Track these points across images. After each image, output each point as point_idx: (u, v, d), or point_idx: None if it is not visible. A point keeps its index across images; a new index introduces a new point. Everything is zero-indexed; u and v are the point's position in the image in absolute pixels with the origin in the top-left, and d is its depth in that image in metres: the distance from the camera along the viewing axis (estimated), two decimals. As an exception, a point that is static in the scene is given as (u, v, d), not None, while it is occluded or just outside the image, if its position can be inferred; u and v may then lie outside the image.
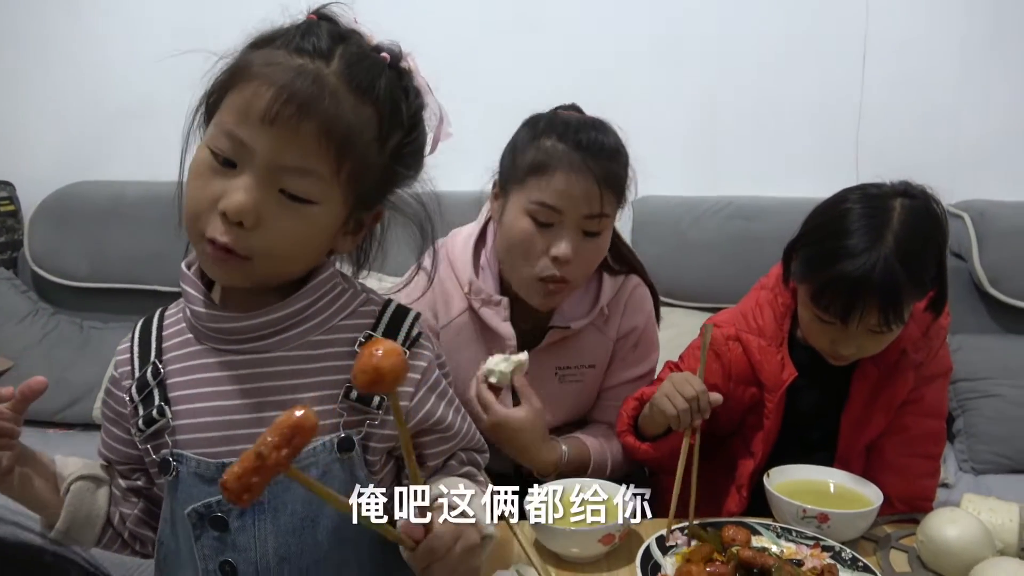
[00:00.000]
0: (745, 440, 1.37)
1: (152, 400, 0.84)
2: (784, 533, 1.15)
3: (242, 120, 0.75)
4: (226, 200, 0.75)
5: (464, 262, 1.33)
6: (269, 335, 0.83)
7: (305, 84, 0.75)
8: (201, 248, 0.79)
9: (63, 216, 2.35)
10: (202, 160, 0.78)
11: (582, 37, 2.28)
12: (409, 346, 0.87)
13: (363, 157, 0.79)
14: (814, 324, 1.21)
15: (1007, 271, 2.01)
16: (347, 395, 0.83)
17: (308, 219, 0.79)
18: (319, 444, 0.83)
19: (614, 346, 1.39)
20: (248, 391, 0.83)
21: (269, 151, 0.75)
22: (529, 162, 1.22)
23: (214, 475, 0.81)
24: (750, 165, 2.28)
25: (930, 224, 1.16)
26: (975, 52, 2.18)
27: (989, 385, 1.95)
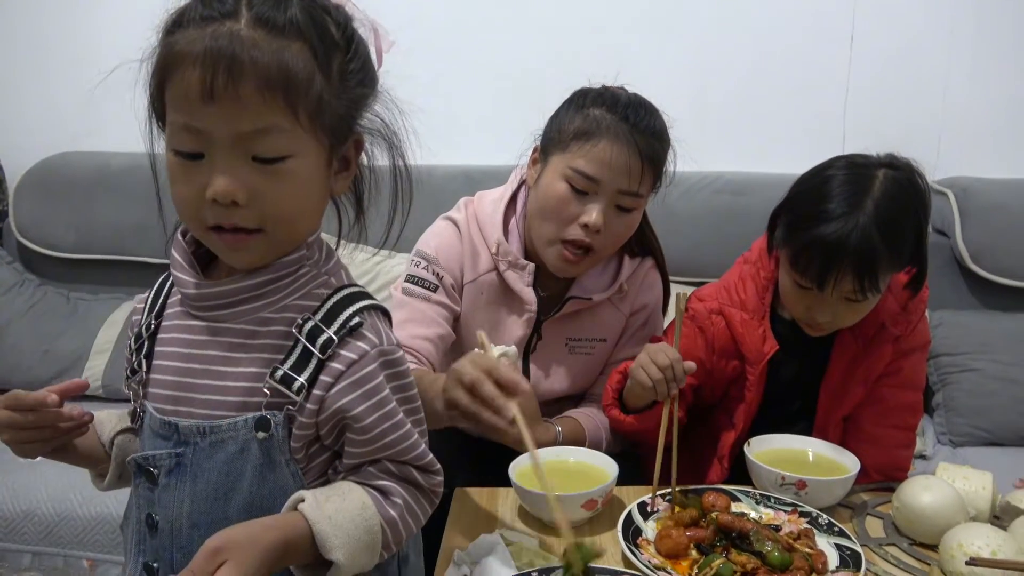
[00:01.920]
0: (727, 412, 1.39)
1: (141, 352, 0.88)
2: (763, 500, 1.17)
3: (186, 110, 0.75)
4: (211, 188, 0.76)
5: (494, 224, 1.35)
6: (227, 305, 0.83)
7: (223, 48, 0.73)
8: (211, 240, 0.80)
9: (49, 186, 2.33)
10: (172, 163, 0.78)
11: (572, 13, 2.28)
12: (343, 335, 0.82)
13: (312, 92, 0.78)
14: (793, 290, 1.23)
15: (988, 247, 2.03)
16: (273, 375, 0.81)
17: (293, 173, 0.78)
18: (240, 420, 0.82)
19: (627, 321, 1.42)
20: (197, 357, 0.84)
21: (223, 127, 0.75)
22: (576, 128, 1.24)
23: (158, 431, 0.85)
24: (738, 140, 2.28)
25: (912, 196, 1.18)
26: (962, 31, 2.18)
27: (968, 360, 1.98)
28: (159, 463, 0.84)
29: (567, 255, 1.27)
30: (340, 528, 0.79)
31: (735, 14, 2.23)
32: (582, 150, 1.22)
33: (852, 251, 1.12)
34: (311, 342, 0.82)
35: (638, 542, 1.06)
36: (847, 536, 1.07)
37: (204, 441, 0.83)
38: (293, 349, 0.82)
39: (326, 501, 0.80)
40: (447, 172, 2.20)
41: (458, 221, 1.38)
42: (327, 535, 0.78)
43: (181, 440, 0.84)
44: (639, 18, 2.26)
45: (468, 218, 1.38)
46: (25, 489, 1.73)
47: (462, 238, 1.36)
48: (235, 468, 0.84)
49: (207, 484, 0.84)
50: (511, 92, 2.30)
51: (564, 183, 1.24)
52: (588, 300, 1.36)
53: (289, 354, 0.82)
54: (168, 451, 0.84)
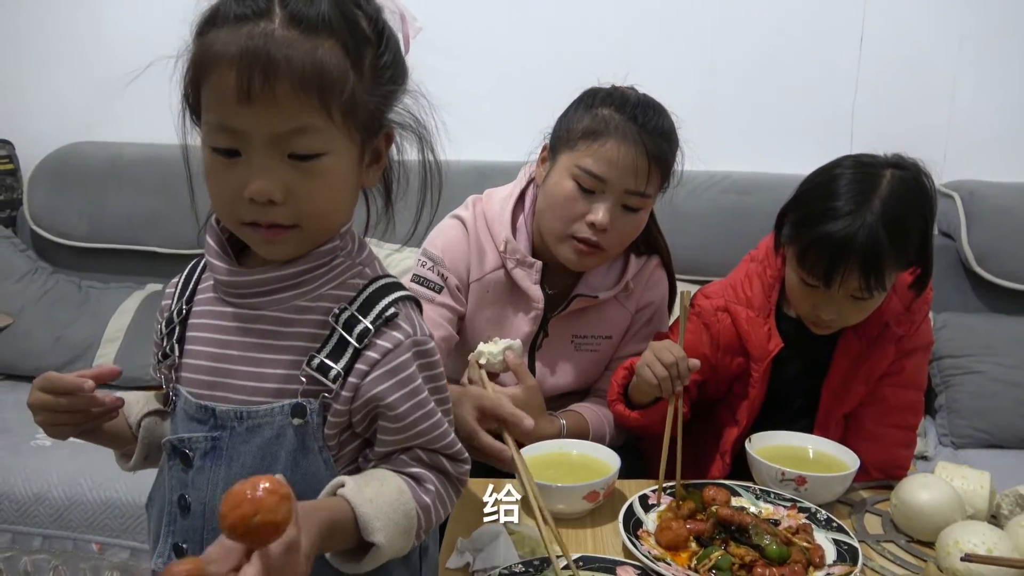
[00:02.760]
0: (731, 408, 1.41)
1: (172, 336, 0.89)
2: (763, 495, 1.19)
3: (222, 110, 0.76)
4: (249, 188, 0.77)
5: (502, 222, 1.36)
6: (262, 293, 0.84)
7: (259, 48, 0.74)
8: (247, 234, 0.82)
9: (62, 176, 2.36)
10: (209, 160, 0.80)
11: (581, 12, 2.29)
12: (379, 325, 0.84)
13: (346, 90, 0.78)
14: (799, 287, 1.25)
15: (994, 251, 2.04)
16: (309, 363, 0.83)
17: (327, 170, 0.79)
18: (277, 406, 0.84)
19: (632, 318, 1.43)
20: (233, 343, 0.85)
21: (260, 127, 0.76)
22: (584, 127, 1.25)
23: (194, 414, 0.86)
24: (746, 140, 2.29)
25: (918, 196, 1.19)
26: (971, 35, 2.19)
27: (971, 362, 1.98)
28: (195, 445, 0.86)
29: (580, 248, 1.28)
30: (381, 511, 0.81)
31: (743, 13, 2.24)
32: (590, 149, 1.23)
33: (859, 248, 1.14)
34: (348, 331, 0.83)
35: (639, 534, 1.08)
36: (845, 532, 1.09)
37: (241, 426, 0.85)
38: (329, 338, 0.84)
39: (366, 486, 0.82)
40: (458, 168, 2.21)
41: (465, 219, 1.39)
42: (370, 518, 0.80)
43: (218, 424, 0.85)
44: (647, 17, 2.27)
45: (476, 216, 1.39)
46: (37, 473, 1.76)
47: (468, 236, 1.38)
48: (270, 453, 0.85)
49: (242, 468, 0.85)
50: (521, 89, 2.32)
51: (572, 182, 1.25)
52: (594, 298, 1.37)
53: (326, 343, 0.83)
54: (205, 434, 0.85)
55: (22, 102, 2.51)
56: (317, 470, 0.86)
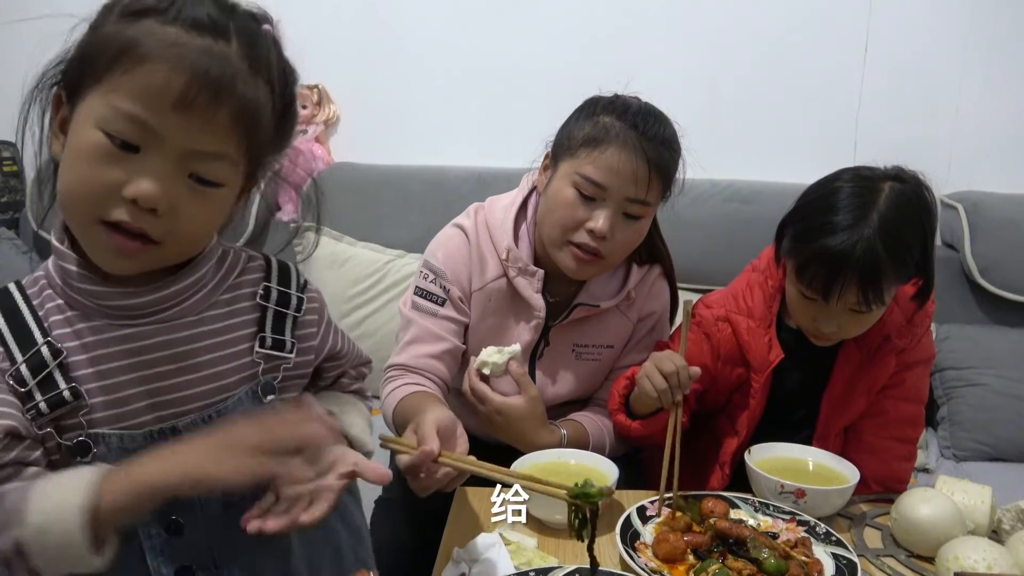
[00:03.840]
0: (731, 418, 1.40)
1: (54, 383, 0.78)
2: (762, 507, 1.18)
3: (148, 104, 0.72)
4: (135, 187, 0.72)
5: (504, 230, 1.35)
6: (173, 306, 0.82)
7: (217, 69, 0.73)
8: (95, 234, 0.75)
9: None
10: (95, 143, 0.72)
11: (583, 17, 2.29)
12: (302, 291, 0.93)
13: (263, 137, 0.79)
14: (799, 300, 1.24)
15: (997, 262, 2.03)
16: (262, 344, 0.88)
17: (216, 201, 0.79)
18: (243, 392, 0.86)
19: (634, 328, 1.43)
20: (168, 357, 0.82)
21: (182, 137, 0.73)
22: (585, 135, 1.25)
23: (140, 445, 0.81)
24: (749, 148, 2.29)
25: (917, 209, 1.18)
26: (976, 44, 2.18)
27: (974, 374, 1.98)
28: None
29: (579, 255, 1.27)
30: (363, 430, 0.98)
31: (747, 20, 2.24)
32: (590, 157, 1.23)
33: (856, 263, 1.13)
34: (283, 305, 0.90)
35: (636, 546, 1.07)
36: (844, 546, 1.08)
37: (213, 427, 0.82)
38: (264, 316, 0.89)
39: (352, 426, 0.96)
40: (458, 174, 2.22)
41: (466, 228, 1.39)
42: (362, 441, 0.97)
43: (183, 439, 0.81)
44: (651, 24, 2.27)
45: (478, 225, 1.38)
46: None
47: (470, 245, 1.37)
48: None
49: None
50: (522, 96, 2.32)
51: (572, 189, 1.24)
52: (596, 307, 1.37)
53: (263, 322, 0.89)
54: None
55: (26, 104, 2.51)
56: None
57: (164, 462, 0.73)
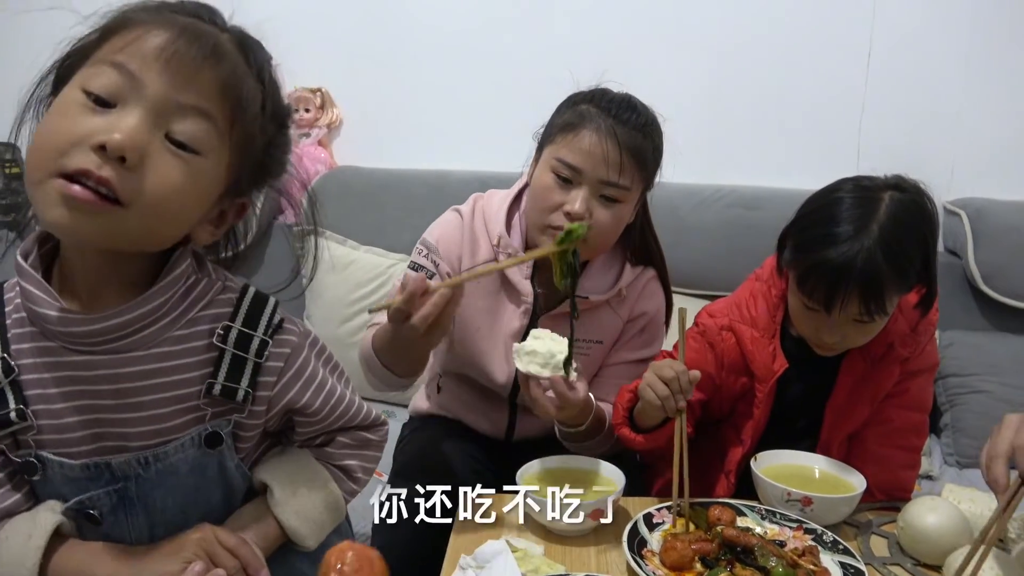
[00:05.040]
0: (735, 428, 1.39)
1: (4, 401, 0.78)
2: (768, 515, 1.18)
3: (132, 54, 0.70)
4: (105, 133, 0.68)
5: (498, 219, 1.39)
6: (125, 336, 0.78)
7: (205, 34, 0.72)
8: (53, 189, 0.69)
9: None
10: (71, 99, 0.70)
11: (586, 23, 2.29)
12: (272, 334, 0.84)
13: (251, 127, 0.76)
14: (801, 311, 1.24)
15: (1001, 269, 2.02)
16: (209, 391, 0.81)
17: (192, 170, 0.73)
18: (187, 438, 0.82)
19: (624, 326, 1.43)
20: (111, 392, 0.79)
21: (164, 86, 0.70)
22: (563, 121, 1.29)
23: (78, 475, 0.80)
24: (752, 155, 2.29)
25: (918, 218, 1.18)
26: (979, 51, 2.18)
27: (977, 381, 1.97)
28: (98, 503, 0.81)
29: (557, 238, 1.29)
30: (309, 519, 0.89)
31: (752, 29, 2.24)
32: (566, 140, 1.27)
33: (858, 274, 1.13)
34: (242, 349, 0.82)
35: (643, 553, 1.07)
36: (851, 554, 1.08)
37: (148, 471, 0.81)
38: (221, 359, 0.82)
39: (293, 496, 0.87)
40: (462, 177, 2.22)
41: (463, 212, 1.44)
42: (301, 534, 0.89)
43: (116, 477, 0.81)
44: (656, 32, 2.27)
45: (474, 210, 1.43)
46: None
47: (463, 227, 1.41)
48: (189, 485, 0.84)
49: (164, 511, 0.83)
50: (527, 101, 2.30)
51: (551, 173, 1.28)
52: (586, 299, 1.38)
53: (219, 365, 0.82)
54: (105, 490, 0.81)
55: (29, 106, 2.51)
56: (235, 482, 0.88)
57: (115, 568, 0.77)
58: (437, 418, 1.53)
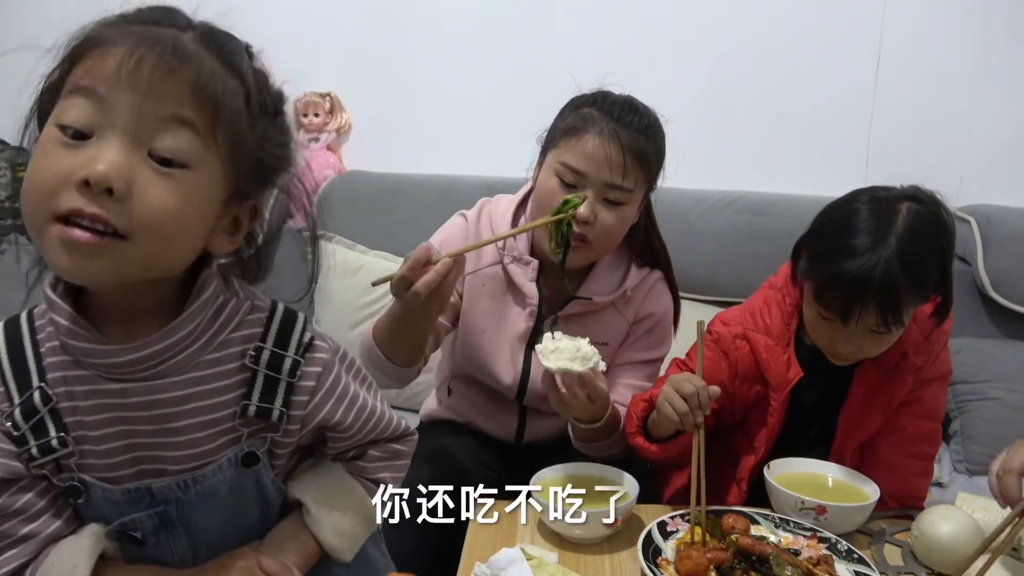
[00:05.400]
0: (748, 435, 1.39)
1: (45, 429, 0.78)
2: (782, 523, 1.18)
3: (96, 77, 0.67)
4: (87, 168, 0.65)
5: (504, 222, 1.40)
6: (158, 364, 0.77)
7: (164, 39, 0.69)
8: (53, 236, 0.67)
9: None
10: (48, 137, 0.68)
11: (592, 28, 2.29)
12: (303, 353, 0.84)
13: (237, 126, 0.73)
14: (817, 321, 1.24)
15: (1010, 276, 2.02)
16: (244, 412, 0.81)
17: (185, 186, 0.70)
18: (224, 460, 0.82)
19: (629, 328, 1.44)
20: (148, 418, 0.79)
21: (134, 104, 0.67)
22: (566, 126, 1.31)
23: (119, 499, 0.81)
24: (760, 160, 2.29)
25: (935, 229, 1.18)
26: (988, 57, 2.18)
27: (987, 388, 1.97)
28: (141, 525, 0.82)
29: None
30: (346, 535, 0.90)
31: (761, 34, 2.24)
32: (569, 144, 1.28)
33: (876, 286, 1.13)
34: (274, 370, 0.82)
35: (658, 562, 1.07)
36: (866, 563, 1.08)
37: (188, 493, 0.82)
38: (254, 380, 0.82)
39: (328, 514, 0.89)
40: (470, 182, 2.22)
41: (468, 216, 1.45)
42: (339, 550, 0.90)
43: (157, 500, 0.82)
44: (663, 36, 2.27)
45: (481, 214, 1.44)
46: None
47: (468, 230, 1.42)
48: (228, 505, 0.85)
49: (204, 532, 0.84)
50: (534, 105, 2.30)
51: (555, 177, 1.30)
52: (589, 300, 1.39)
53: (251, 386, 0.82)
54: (146, 512, 0.82)
55: (39, 110, 2.52)
56: (271, 498, 0.89)
57: None
58: (448, 422, 1.53)
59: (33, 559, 0.79)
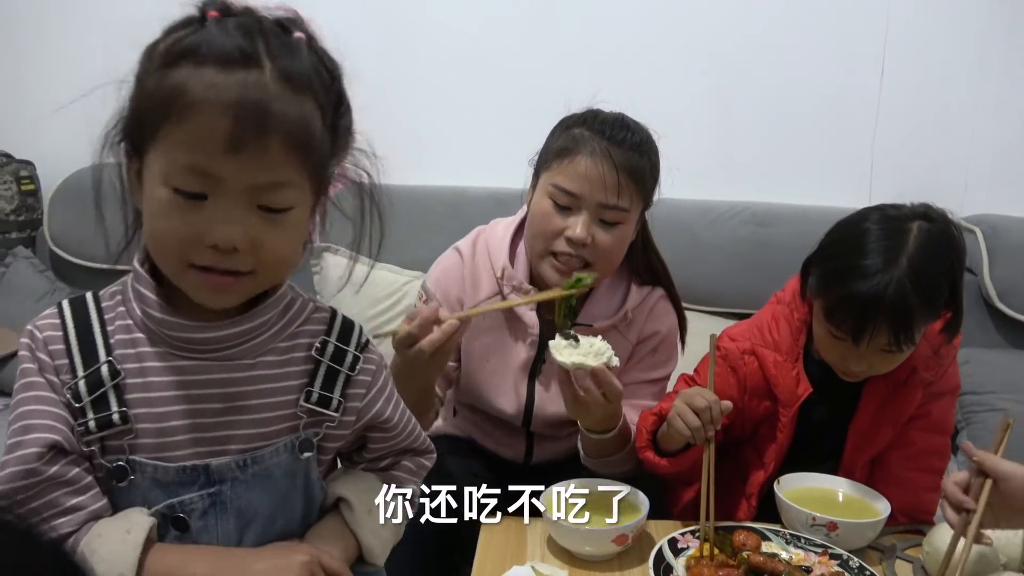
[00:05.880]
0: (757, 451, 1.39)
1: (107, 403, 0.81)
2: (793, 540, 1.17)
3: (202, 153, 0.73)
4: (213, 234, 0.75)
5: (501, 250, 1.38)
6: (238, 344, 0.84)
7: (255, 100, 0.73)
8: (189, 278, 0.78)
9: (83, 197, 2.36)
10: (165, 200, 0.75)
11: (596, 40, 2.29)
12: (361, 351, 0.92)
13: (320, 149, 0.79)
14: (827, 339, 1.24)
15: (1016, 286, 2.02)
16: (307, 399, 0.87)
17: (292, 223, 0.79)
18: (281, 444, 0.86)
19: (633, 349, 1.42)
20: (219, 396, 0.83)
21: (241, 176, 0.74)
22: (558, 147, 1.29)
23: (172, 479, 0.82)
24: (765, 171, 2.29)
25: (946, 248, 1.18)
26: (992, 67, 2.19)
27: (994, 399, 1.97)
28: (190, 507, 0.83)
29: (559, 266, 1.29)
30: (381, 538, 0.94)
31: (764, 45, 2.24)
32: (562, 166, 1.27)
33: (887, 307, 1.13)
34: (337, 362, 0.89)
35: (669, 579, 1.07)
36: (878, 581, 1.07)
37: (245, 473, 0.84)
38: (317, 370, 0.88)
39: (368, 514, 0.93)
40: (476, 195, 2.22)
41: (462, 250, 1.42)
42: (375, 553, 0.94)
43: (212, 480, 0.83)
44: (667, 49, 2.27)
45: (476, 246, 1.42)
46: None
47: (464, 266, 1.40)
48: (279, 491, 0.87)
49: (255, 515, 0.86)
50: (541, 117, 2.31)
51: (548, 200, 1.28)
52: (590, 327, 1.36)
53: (314, 376, 0.88)
54: (199, 493, 0.83)
55: (44, 122, 2.51)
56: (315, 494, 0.92)
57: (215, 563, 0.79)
58: (454, 438, 1.53)
59: (78, 530, 0.80)
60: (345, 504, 0.92)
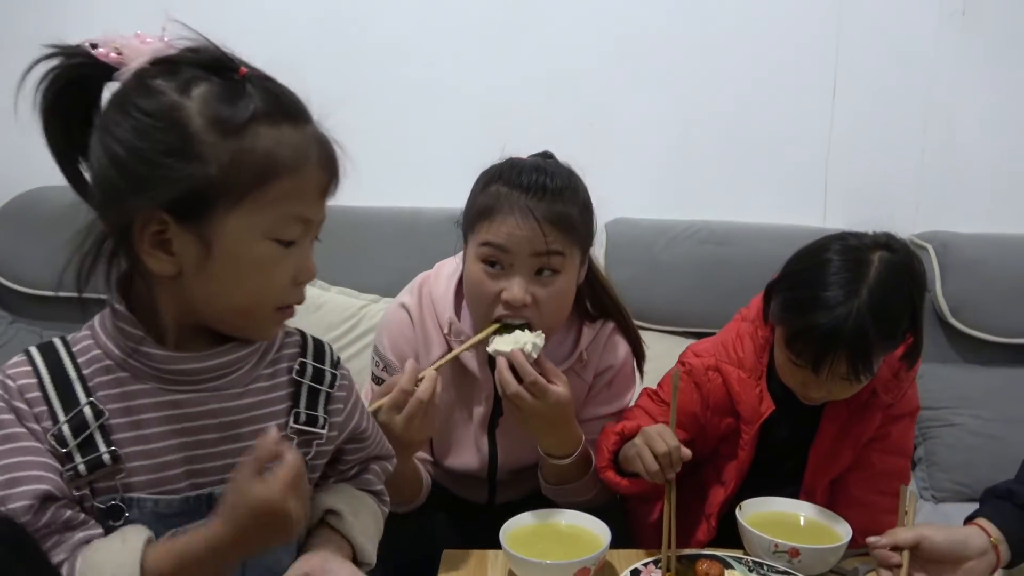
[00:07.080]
0: (717, 469, 1.38)
1: (94, 444, 0.80)
2: (756, 567, 1.16)
3: (309, 202, 0.84)
4: (304, 272, 0.84)
5: (445, 302, 1.33)
6: (228, 373, 0.86)
7: (332, 152, 0.88)
8: (272, 319, 0.86)
9: (23, 222, 2.28)
10: (266, 253, 0.81)
11: (553, 60, 2.27)
12: (335, 367, 0.97)
13: None
14: (787, 365, 1.23)
15: (968, 302, 2.05)
16: (296, 420, 0.90)
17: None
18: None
19: (590, 386, 1.39)
20: (215, 426, 0.85)
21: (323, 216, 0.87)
22: (479, 208, 1.22)
23: (177, 510, 0.84)
24: (723, 190, 2.30)
25: (907, 279, 1.18)
26: (941, 90, 2.23)
27: (949, 414, 1.99)
28: None
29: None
30: (370, 537, 0.99)
31: (720, 66, 2.25)
32: (484, 227, 1.20)
33: (847, 340, 1.13)
34: (317, 382, 0.93)
35: (632, 612, 1.04)
36: (842, 607, 1.06)
37: None
38: (299, 392, 0.92)
39: (355, 516, 0.97)
40: (433, 215, 2.19)
41: (410, 307, 1.36)
42: (367, 552, 0.97)
43: (214, 507, 0.81)
44: (625, 68, 2.27)
45: (422, 299, 1.36)
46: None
47: (414, 326, 1.34)
48: None
49: None
50: (497, 137, 2.29)
51: (479, 264, 1.22)
52: None
53: (297, 397, 0.91)
54: (203, 523, 0.81)
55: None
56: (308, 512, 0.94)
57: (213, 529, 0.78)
58: None
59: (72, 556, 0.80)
60: (333, 514, 0.96)
